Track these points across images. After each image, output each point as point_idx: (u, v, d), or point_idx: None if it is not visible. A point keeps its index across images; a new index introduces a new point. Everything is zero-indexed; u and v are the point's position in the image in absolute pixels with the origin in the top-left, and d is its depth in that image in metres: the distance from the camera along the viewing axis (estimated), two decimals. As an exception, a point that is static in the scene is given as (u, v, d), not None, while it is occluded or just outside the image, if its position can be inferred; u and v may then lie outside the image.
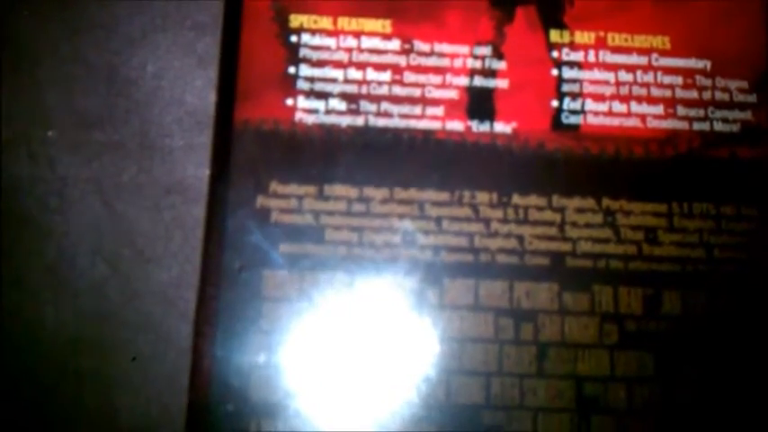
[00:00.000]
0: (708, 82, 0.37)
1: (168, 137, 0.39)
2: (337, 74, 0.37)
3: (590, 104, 0.37)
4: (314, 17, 0.37)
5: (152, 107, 0.39)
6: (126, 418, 0.36)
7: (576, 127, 0.37)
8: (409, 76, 0.37)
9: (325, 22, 0.37)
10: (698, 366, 0.34)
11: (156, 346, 0.37)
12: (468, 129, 0.36)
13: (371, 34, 0.37)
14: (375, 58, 0.37)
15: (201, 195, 0.37)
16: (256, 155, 0.36)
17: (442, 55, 0.37)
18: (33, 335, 0.36)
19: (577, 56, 0.37)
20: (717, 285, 0.35)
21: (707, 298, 0.35)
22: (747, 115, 0.37)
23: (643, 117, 0.37)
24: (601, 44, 0.38)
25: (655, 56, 0.38)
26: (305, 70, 0.37)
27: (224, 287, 0.34)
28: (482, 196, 0.36)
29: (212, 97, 0.38)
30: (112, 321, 0.37)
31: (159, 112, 0.39)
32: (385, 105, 0.37)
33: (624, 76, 0.37)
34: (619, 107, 0.37)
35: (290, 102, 0.36)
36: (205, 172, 0.37)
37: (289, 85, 0.37)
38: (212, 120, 0.37)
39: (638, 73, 0.37)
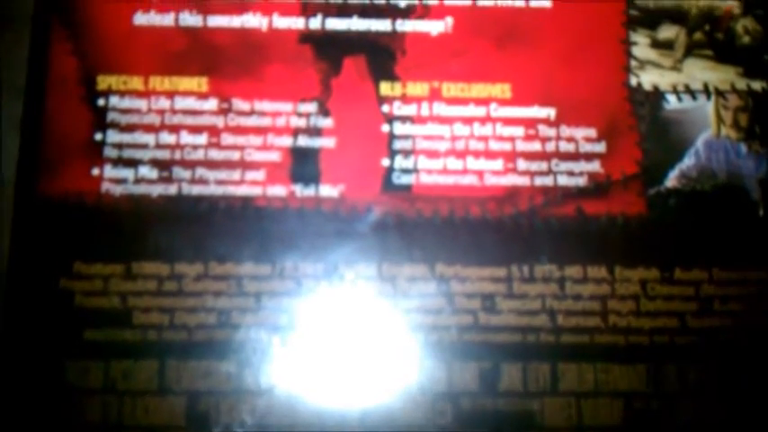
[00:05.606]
0: (552, 132, 0.35)
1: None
2: (148, 139, 0.34)
3: (423, 162, 0.34)
4: (123, 77, 0.34)
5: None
6: None
7: (407, 187, 0.34)
8: (227, 138, 0.34)
9: (135, 83, 0.34)
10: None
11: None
12: (292, 194, 0.34)
13: (186, 94, 0.34)
14: (190, 120, 0.34)
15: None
16: (59, 232, 0.33)
17: (263, 114, 0.34)
18: None
19: (410, 109, 0.35)
20: (561, 356, 0.32)
21: (551, 371, 0.32)
22: (595, 166, 0.34)
23: (480, 173, 0.34)
24: (435, 95, 0.35)
25: (494, 105, 0.35)
26: (113, 136, 0.34)
27: (23, 377, 0.32)
28: (306, 268, 0.33)
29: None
30: None
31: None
32: (200, 171, 0.34)
33: (460, 129, 0.34)
34: (454, 164, 0.34)
35: (96, 171, 0.34)
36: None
37: (95, 153, 0.34)
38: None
39: (476, 125, 0.35)
